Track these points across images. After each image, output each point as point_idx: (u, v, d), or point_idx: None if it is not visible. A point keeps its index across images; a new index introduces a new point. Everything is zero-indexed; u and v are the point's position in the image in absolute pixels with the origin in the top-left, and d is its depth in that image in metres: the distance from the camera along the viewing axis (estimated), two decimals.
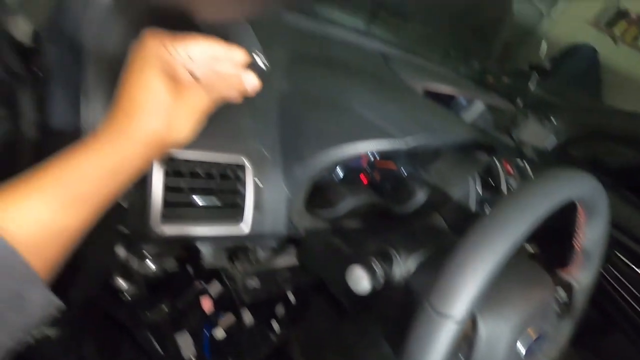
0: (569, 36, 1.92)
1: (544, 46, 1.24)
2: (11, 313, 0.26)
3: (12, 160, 0.48)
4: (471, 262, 0.34)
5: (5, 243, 0.26)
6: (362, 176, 0.76)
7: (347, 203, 0.67)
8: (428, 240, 0.59)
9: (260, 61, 0.36)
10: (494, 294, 0.39)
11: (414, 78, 0.86)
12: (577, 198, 0.43)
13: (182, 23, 0.38)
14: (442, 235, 0.68)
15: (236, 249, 0.57)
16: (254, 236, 0.50)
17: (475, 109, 1.08)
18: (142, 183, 0.42)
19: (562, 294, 0.51)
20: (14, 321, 0.26)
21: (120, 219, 0.47)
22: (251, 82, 0.36)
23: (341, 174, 0.72)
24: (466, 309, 0.32)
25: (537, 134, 1.01)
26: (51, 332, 0.58)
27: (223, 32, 0.53)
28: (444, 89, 0.86)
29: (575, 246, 0.52)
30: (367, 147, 0.48)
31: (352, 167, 0.74)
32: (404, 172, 0.82)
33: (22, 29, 0.54)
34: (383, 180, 0.81)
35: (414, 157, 0.77)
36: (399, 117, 0.55)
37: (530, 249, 0.80)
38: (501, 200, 0.38)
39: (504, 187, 0.81)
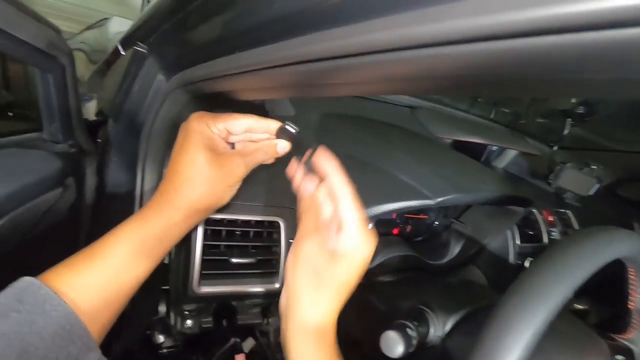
0: None
1: None
2: None
3: (76, 222, 0.54)
4: (514, 324, 0.32)
5: (69, 310, 0.29)
6: (393, 228, 0.76)
7: (379, 256, 0.67)
8: (465, 296, 0.57)
9: (292, 128, 0.40)
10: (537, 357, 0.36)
11: (442, 129, 0.88)
12: (626, 256, 0.41)
13: (227, 103, 0.43)
14: (480, 290, 0.65)
15: (270, 304, 0.58)
16: None
17: (508, 155, 1.07)
18: (184, 242, 0.46)
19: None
20: None
21: (163, 277, 0.50)
22: (282, 147, 0.40)
23: (371, 225, 0.73)
24: None
25: (577, 180, 0.97)
26: None
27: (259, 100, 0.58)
28: (473, 139, 0.86)
29: (631, 308, 0.48)
30: (399, 207, 0.49)
31: (383, 219, 0.74)
32: (436, 223, 0.81)
33: (89, 106, 0.62)
34: (414, 231, 0.81)
35: (447, 208, 0.76)
36: (431, 177, 0.56)
37: (579, 305, 0.74)
38: (543, 255, 0.36)
39: (545, 238, 0.77)
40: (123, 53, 0.55)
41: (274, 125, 0.40)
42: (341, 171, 0.33)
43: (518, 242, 0.75)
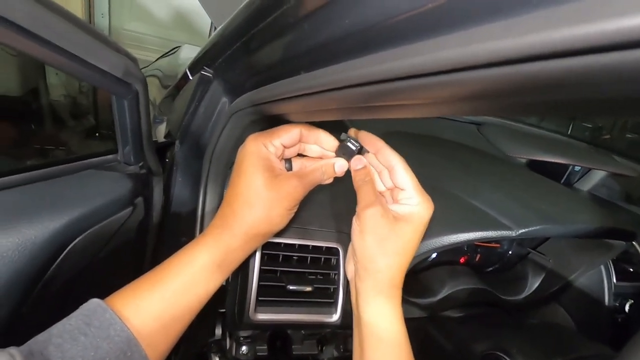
0: None
1: None
2: None
3: (143, 239, 0.56)
4: None
5: (131, 336, 0.29)
6: (460, 256, 0.69)
7: (444, 288, 0.61)
8: (552, 344, 0.49)
9: (353, 145, 0.37)
10: None
11: (515, 148, 0.80)
12: None
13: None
14: (570, 337, 0.56)
15: (326, 334, 0.55)
16: (345, 325, 0.47)
17: (594, 177, 0.94)
18: (241, 266, 0.45)
19: None
20: None
21: (221, 300, 0.50)
22: (340, 166, 0.38)
23: (434, 256, 0.67)
24: None
25: None
26: None
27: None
28: (553, 158, 0.77)
29: None
30: (474, 238, 0.44)
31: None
32: (510, 252, 0.72)
33: (161, 130, 0.66)
34: (484, 261, 0.73)
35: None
36: (510, 205, 0.49)
37: None
38: None
39: None
40: (191, 78, 0.57)
41: (324, 135, 0.38)
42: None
43: (614, 280, 0.64)
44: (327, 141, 0.38)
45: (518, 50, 0.14)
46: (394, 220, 0.35)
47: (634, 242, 0.64)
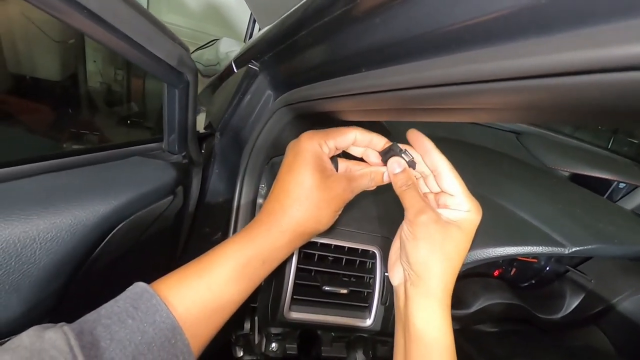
0: None
1: None
2: None
3: (179, 227, 0.57)
4: None
5: (176, 324, 0.29)
6: (494, 269, 0.67)
7: (478, 301, 0.59)
8: None
9: (407, 156, 0.36)
10: None
11: (557, 160, 0.76)
12: None
13: (330, 122, 0.41)
14: (605, 358, 0.53)
15: (355, 338, 0.54)
16: (378, 331, 0.46)
17: (638, 196, 0.89)
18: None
19: None
20: None
21: (252, 296, 0.50)
22: (389, 170, 0.37)
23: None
24: None
25: None
26: None
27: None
28: (598, 173, 0.73)
29: None
30: (523, 252, 0.42)
31: None
32: (547, 268, 0.69)
33: (200, 120, 0.66)
34: (520, 275, 0.70)
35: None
36: (562, 221, 0.47)
37: None
38: None
39: None
40: (236, 70, 0.57)
41: (377, 139, 0.38)
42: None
43: None
44: (380, 145, 0.38)
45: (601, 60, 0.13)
46: (447, 225, 0.34)
47: None
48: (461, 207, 0.35)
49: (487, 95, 0.21)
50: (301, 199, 0.35)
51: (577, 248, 0.41)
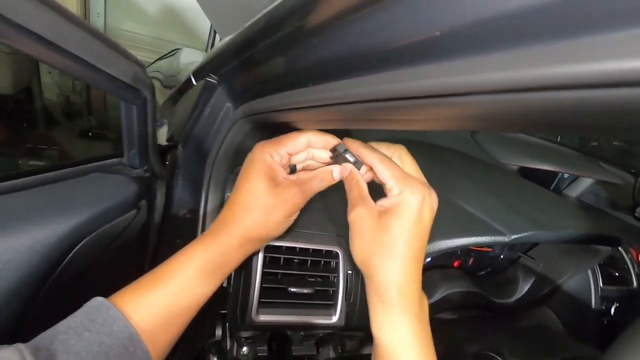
0: None
1: None
2: None
3: (144, 240, 0.57)
4: None
5: (134, 332, 0.30)
6: (453, 260, 0.71)
7: (438, 291, 0.63)
8: (542, 345, 0.51)
9: (351, 156, 0.38)
10: None
11: (507, 155, 0.82)
12: None
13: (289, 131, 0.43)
14: (559, 339, 0.58)
15: (323, 336, 0.56)
16: (343, 327, 0.49)
17: (582, 184, 0.97)
18: (243, 268, 0.46)
19: None
20: None
21: (221, 301, 0.51)
22: (338, 172, 0.39)
23: (429, 258, 0.69)
24: None
25: None
26: None
27: None
28: (543, 166, 0.79)
29: None
30: (468, 243, 0.45)
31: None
32: (501, 256, 0.75)
33: (162, 133, 0.67)
34: (477, 265, 0.75)
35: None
36: (504, 211, 0.51)
37: None
38: None
39: (634, 281, 0.68)
40: (195, 83, 0.58)
41: (331, 140, 0.39)
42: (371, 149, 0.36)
43: (601, 284, 0.66)
44: (332, 143, 0.39)
45: (526, 80, 0.15)
46: (380, 215, 0.33)
47: (619, 248, 0.67)
48: (393, 192, 0.33)
49: (432, 109, 0.23)
50: (250, 205, 0.37)
51: (515, 236, 0.46)
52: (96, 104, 1.31)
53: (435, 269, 0.68)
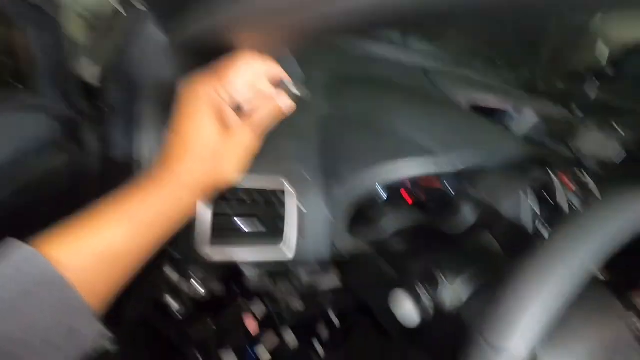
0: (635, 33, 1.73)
1: (601, 46, 1.13)
2: (66, 344, 0.26)
3: (76, 188, 0.53)
4: (531, 290, 0.30)
5: (60, 278, 0.26)
6: (406, 196, 0.74)
7: (392, 223, 0.66)
8: (477, 261, 0.56)
9: (295, 88, 0.36)
10: (556, 327, 0.35)
11: (458, 92, 0.83)
12: None
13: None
14: (494, 257, 0.63)
15: (279, 271, 0.57)
16: (297, 260, 0.50)
17: (527, 120, 1.02)
18: None
19: (637, 321, 0.45)
20: (69, 352, 0.27)
21: (171, 242, 0.50)
22: (286, 105, 0.36)
23: (385, 195, 0.71)
24: (525, 344, 0.29)
25: (599, 144, 0.91)
26: (111, 347, 0.62)
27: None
28: (491, 101, 0.82)
29: None
30: (410, 166, 0.46)
31: (396, 187, 0.72)
32: (450, 190, 0.78)
33: (88, 70, 0.60)
34: (429, 199, 0.78)
35: (461, 174, 0.73)
36: (443, 134, 0.53)
37: (600, 275, 0.72)
38: (564, 221, 0.34)
39: (564, 205, 0.74)
40: (124, 13, 0.52)
41: (278, 70, 0.36)
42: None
43: (534, 208, 0.72)
44: (278, 71, 0.36)
45: None
46: None
47: (551, 173, 0.72)
48: None
49: None
50: (198, 148, 0.33)
51: (454, 154, 0.47)
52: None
53: (389, 206, 0.70)
